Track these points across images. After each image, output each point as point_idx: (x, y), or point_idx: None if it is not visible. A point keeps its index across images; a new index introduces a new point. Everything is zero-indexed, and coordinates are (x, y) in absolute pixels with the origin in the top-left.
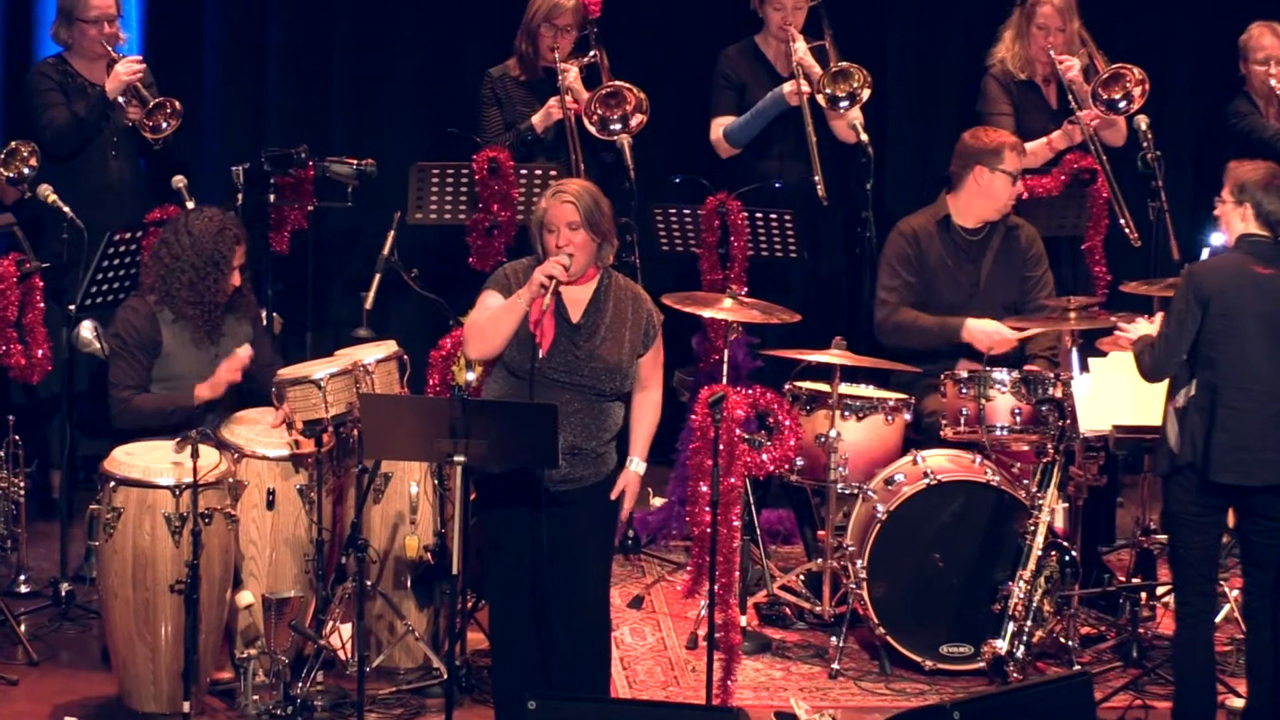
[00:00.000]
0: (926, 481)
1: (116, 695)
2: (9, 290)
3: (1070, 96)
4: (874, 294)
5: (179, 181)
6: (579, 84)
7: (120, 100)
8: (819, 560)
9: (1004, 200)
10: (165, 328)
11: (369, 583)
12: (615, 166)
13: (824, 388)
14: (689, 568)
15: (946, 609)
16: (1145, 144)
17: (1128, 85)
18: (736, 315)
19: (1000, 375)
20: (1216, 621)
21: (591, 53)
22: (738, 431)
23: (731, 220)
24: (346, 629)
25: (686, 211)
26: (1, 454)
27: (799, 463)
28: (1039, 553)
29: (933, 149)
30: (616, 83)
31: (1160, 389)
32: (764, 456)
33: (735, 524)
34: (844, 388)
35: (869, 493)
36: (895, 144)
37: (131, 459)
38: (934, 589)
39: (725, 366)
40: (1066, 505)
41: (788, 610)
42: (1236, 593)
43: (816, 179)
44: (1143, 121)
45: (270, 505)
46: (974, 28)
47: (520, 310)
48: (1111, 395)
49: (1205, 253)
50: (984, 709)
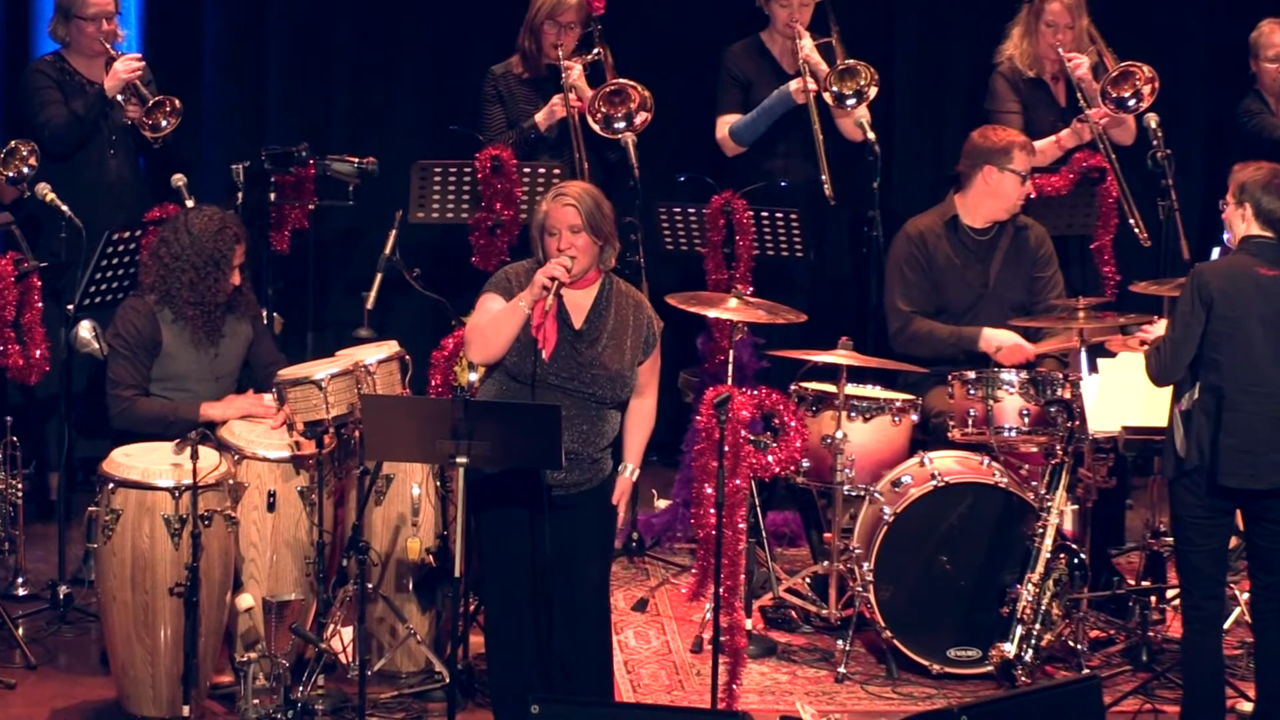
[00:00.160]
0: (934, 483)
1: (115, 699)
2: (7, 290)
3: (1079, 94)
4: (881, 295)
5: (178, 180)
6: (583, 82)
7: (119, 98)
8: (825, 563)
9: (1013, 200)
10: (165, 327)
11: (370, 585)
12: (619, 165)
13: (830, 388)
14: (694, 570)
15: (954, 612)
16: (1155, 142)
17: (1137, 83)
18: (742, 315)
19: (1008, 376)
20: (1226, 625)
21: (595, 50)
22: (743, 433)
23: (737, 219)
24: (348, 632)
25: (691, 210)
26: None
27: (805, 464)
28: (1047, 555)
29: (940, 147)
30: (620, 80)
31: (1170, 389)
32: (769, 458)
33: (740, 526)
34: (850, 388)
35: (876, 495)
36: (902, 142)
37: (130, 460)
38: (941, 592)
39: (730, 367)
40: (1076, 507)
41: (793, 613)
42: (1246, 596)
43: (823, 178)
44: (1152, 120)
45: (271, 507)
46: (981, 25)
47: (522, 314)
48: (1121, 396)
49: (1215, 252)
50: (992, 713)
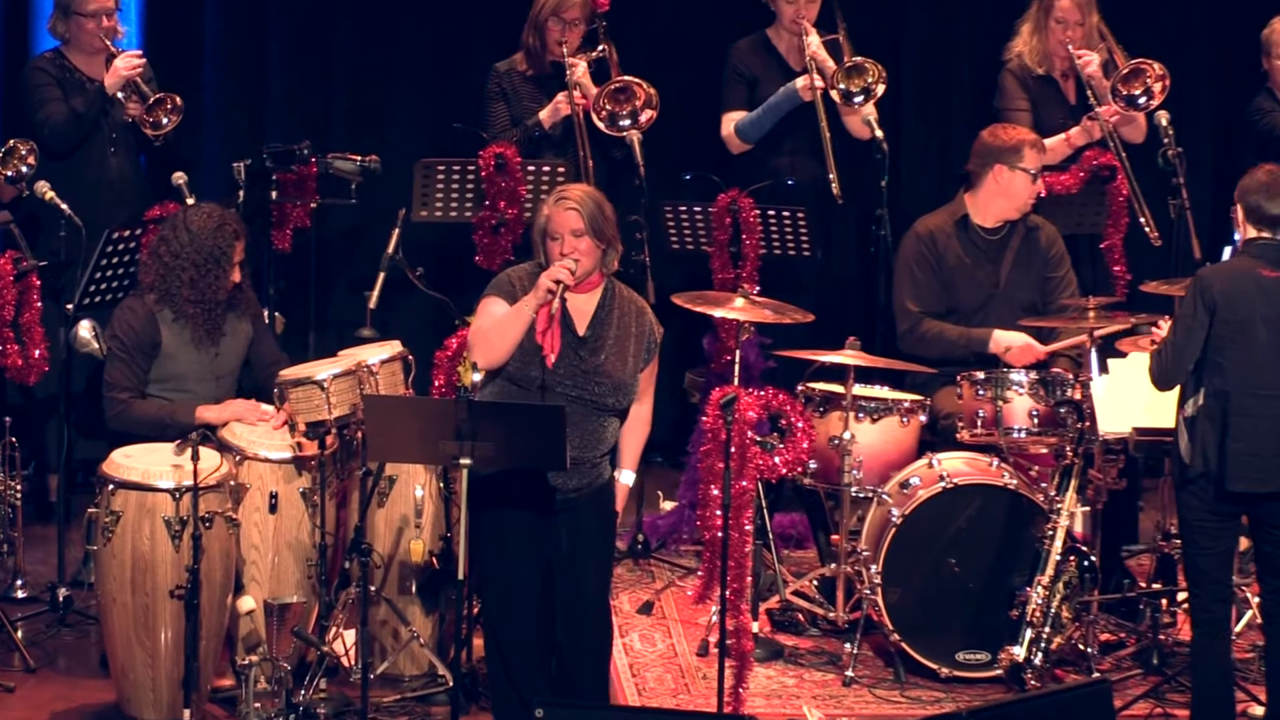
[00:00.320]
0: (942, 485)
1: (115, 703)
2: (5, 289)
3: (1089, 92)
4: (889, 295)
5: (179, 178)
6: (587, 79)
7: (119, 96)
8: (832, 565)
9: (1024, 199)
10: (165, 327)
11: (373, 588)
12: (624, 163)
13: (838, 389)
14: (700, 573)
15: (963, 615)
16: (1166, 140)
17: (1148, 81)
18: (748, 315)
19: (1018, 377)
20: (1237, 629)
21: (600, 47)
22: (750, 434)
23: (743, 218)
24: (350, 635)
25: (697, 209)
26: None
27: (812, 465)
28: (1057, 558)
29: (948, 145)
30: (625, 78)
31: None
32: (776, 459)
33: (747, 528)
34: (858, 389)
35: (884, 496)
36: (910, 140)
37: (130, 461)
38: (950, 595)
39: (737, 367)
40: (1086, 509)
41: (801, 616)
42: (1257, 599)
43: (831, 176)
44: (1163, 118)
45: (272, 509)
46: (990, 21)
47: (527, 317)
48: (1131, 396)
49: (1227, 252)
50: (1001, 717)
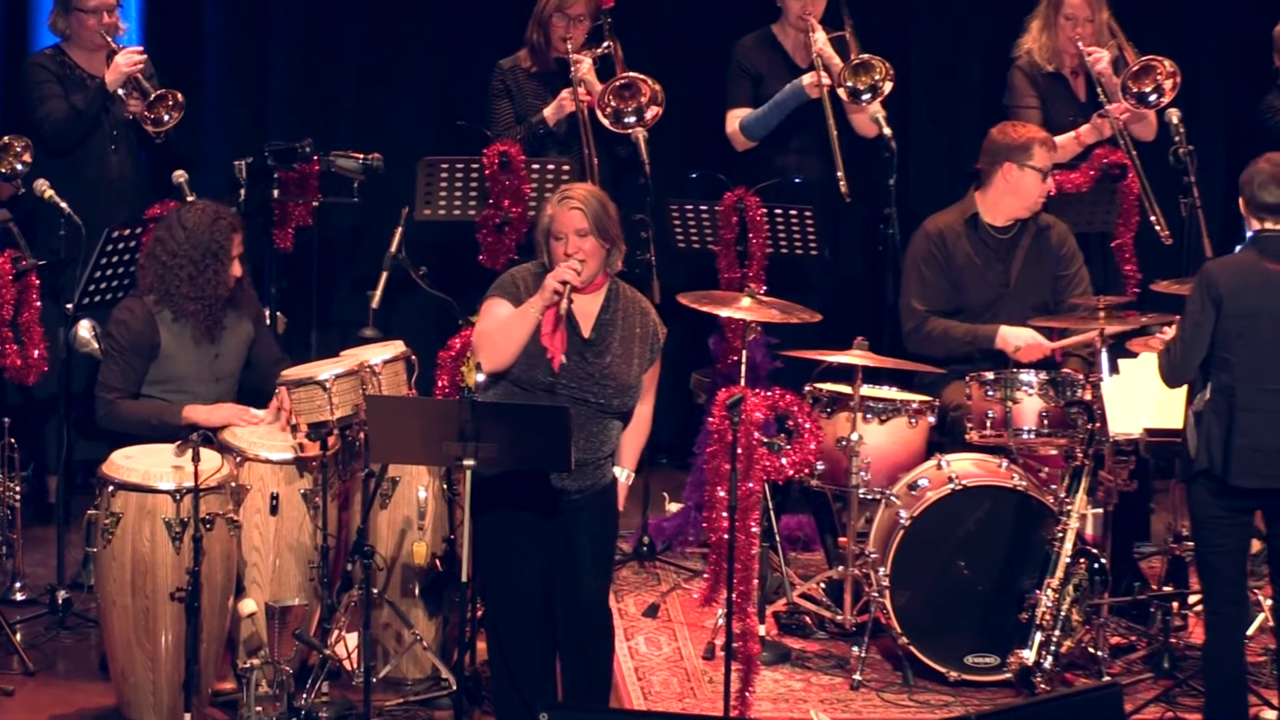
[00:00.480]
0: (951, 486)
1: (115, 706)
2: (4, 289)
3: (1099, 89)
4: (898, 294)
5: (179, 176)
6: (592, 76)
7: (120, 92)
8: (840, 568)
9: (1034, 197)
10: (164, 328)
11: (376, 590)
12: (629, 161)
13: (845, 389)
14: (706, 575)
15: (972, 618)
16: (1177, 138)
17: (1158, 78)
18: (755, 315)
19: (1027, 377)
20: (1250, 632)
21: (605, 43)
22: (756, 435)
23: (750, 216)
24: (352, 638)
25: (703, 207)
26: None
27: (819, 467)
28: (1067, 560)
29: (957, 143)
30: (631, 74)
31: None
32: (783, 460)
33: (754, 530)
34: (866, 389)
35: (892, 498)
36: (918, 138)
37: (130, 462)
38: (959, 597)
39: (743, 367)
40: (1097, 511)
41: (808, 619)
42: (1270, 602)
43: (839, 175)
44: (1174, 115)
45: (274, 510)
46: (999, 18)
47: (533, 319)
48: (1142, 397)
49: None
50: None
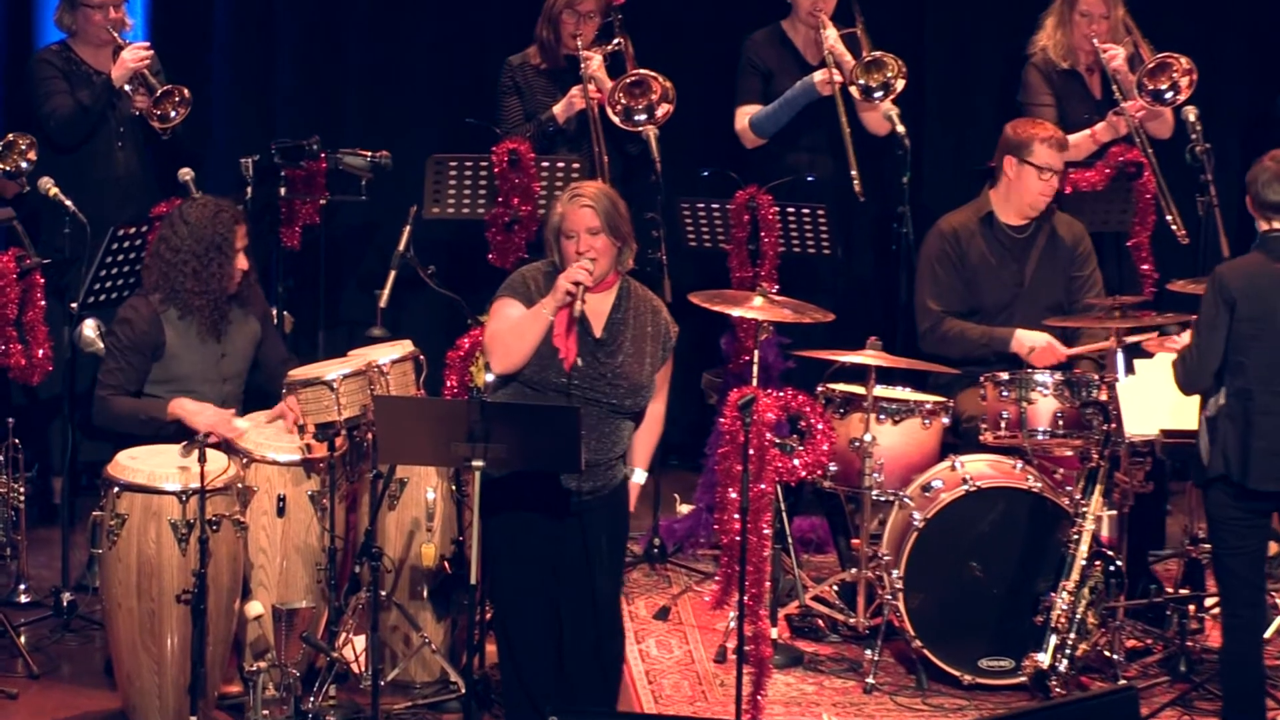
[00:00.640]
0: (965, 488)
1: (120, 710)
2: (9, 288)
3: (1114, 86)
4: (912, 294)
5: (185, 174)
6: (602, 72)
7: (127, 88)
8: (853, 570)
9: (1033, 194)
10: (169, 327)
11: (384, 593)
12: (640, 159)
13: (858, 390)
14: (717, 578)
15: (986, 621)
16: (1194, 136)
17: (1174, 75)
18: (767, 314)
19: (1042, 377)
20: (1267, 635)
21: (615, 40)
22: (768, 435)
23: (762, 215)
24: (360, 641)
25: (715, 206)
26: (1, 458)
27: (832, 468)
28: (1083, 562)
29: (971, 141)
30: (641, 71)
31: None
32: (796, 462)
33: (766, 532)
34: (879, 390)
35: (905, 500)
36: (932, 136)
37: (136, 463)
38: (973, 600)
39: (755, 368)
40: (1113, 513)
41: (820, 622)
42: None
43: (853, 174)
44: (1191, 113)
45: (281, 512)
46: (1014, 15)
47: (545, 320)
48: (1158, 398)
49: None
50: None
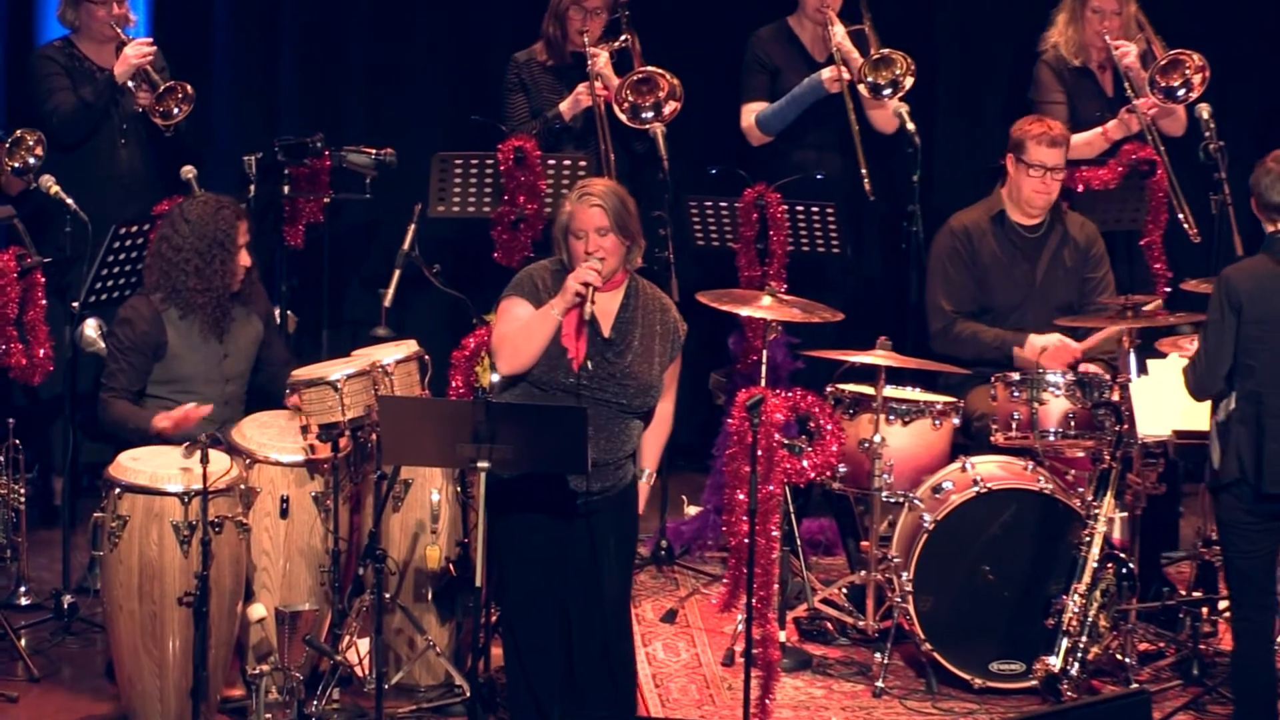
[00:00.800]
0: (976, 489)
1: (121, 714)
2: (9, 286)
3: (1126, 84)
4: (922, 294)
5: (188, 172)
6: (609, 69)
7: (130, 85)
8: (862, 572)
9: (1028, 193)
10: (171, 327)
11: (388, 595)
12: (647, 157)
13: (868, 390)
14: (725, 580)
15: (997, 624)
16: (1207, 134)
17: (1187, 72)
18: (775, 314)
19: (1054, 378)
20: (1279, 639)
21: (623, 36)
22: (777, 436)
23: (771, 213)
24: (364, 644)
25: (723, 204)
26: (1, 459)
27: (841, 469)
28: (1095, 565)
29: (982, 139)
30: (649, 68)
31: None
32: (804, 463)
33: (774, 534)
34: (889, 390)
35: (915, 501)
36: (943, 134)
37: (138, 464)
38: (984, 603)
39: (764, 368)
40: (1125, 515)
41: (829, 625)
42: None
43: (863, 172)
44: (1204, 110)
45: (284, 513)
46: (1025, 11)
47: (555, 321)
48: (1171, 398)
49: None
50: None
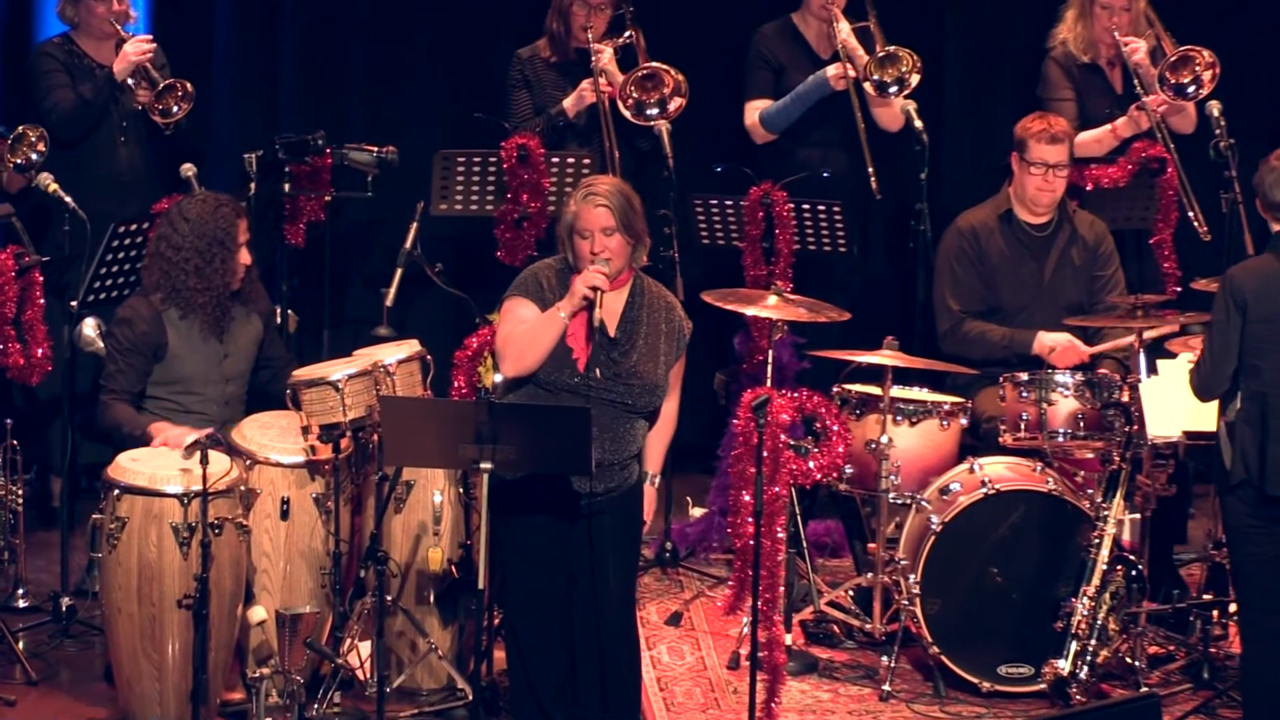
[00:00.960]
0: (984, 491)
1: (120, 717)
2: (7, 286)
3: (1136, 80)
4: (929, 293)
5: (188, 170)
6: (613, 66)
7: (129, 82)
8: (869, 575)
9: (1031, 191)
10: (171, 327)
11: (389, 598)
12: (652, 154)
13: (875, 391)
14: (731, 582)
15: (1005, 627)
16: (1217, 131)
17: (1197, 69)
18: (781, 313)
19: (1063, 378)
20: None
21: (627, 32)
22: (783, 437)
23: (776, 212)
24: (365, 647)
25: (729, 202)
26: None
27: (848, 471)
28: (1104, 567)
29: (990, 137)
30: (653, 64)
31: None
32: (810, 464)
33: (780, 536)
34: (896, 390)
35: (923, 503)
36: (951, 132)
37: (137, 465)
38: (992, 605)
39: (769, 368)
40: (1135, 516)
41: (836, 628)
42: None
43: (870, 170)
44: (1215, 107)
45: (284, 515)
46: (1034, 7)
47: (561, 324)
48: (1181, 399)
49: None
50: None
